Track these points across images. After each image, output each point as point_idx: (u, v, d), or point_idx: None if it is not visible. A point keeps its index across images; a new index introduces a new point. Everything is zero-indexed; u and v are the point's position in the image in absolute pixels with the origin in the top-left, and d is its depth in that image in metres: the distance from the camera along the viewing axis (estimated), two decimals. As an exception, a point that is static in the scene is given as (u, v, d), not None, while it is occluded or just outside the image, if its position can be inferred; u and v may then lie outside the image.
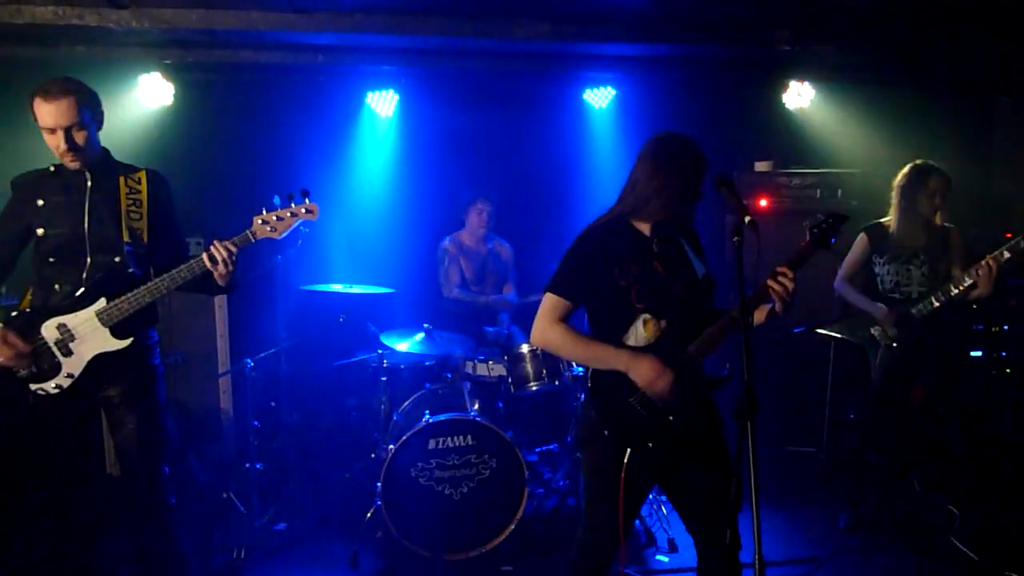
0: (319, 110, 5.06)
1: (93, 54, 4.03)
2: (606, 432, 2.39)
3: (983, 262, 3.46)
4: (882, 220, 3.87)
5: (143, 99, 4.72)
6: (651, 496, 3.83)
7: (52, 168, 2.75)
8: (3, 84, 4.28)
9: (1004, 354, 4.83)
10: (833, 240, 2.54)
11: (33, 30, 3.38)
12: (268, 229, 2.75)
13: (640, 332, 2.42)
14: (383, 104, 5.06)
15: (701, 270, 2.52)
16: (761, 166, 5.05)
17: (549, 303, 2.43)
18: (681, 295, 2.45)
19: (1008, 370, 4.86)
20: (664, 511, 3.87)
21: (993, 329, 4.80)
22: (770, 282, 2.29)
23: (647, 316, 2.42)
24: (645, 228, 2.48)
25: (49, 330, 2.66)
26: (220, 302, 4.57)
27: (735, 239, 2.08)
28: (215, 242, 2.67)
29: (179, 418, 4.30)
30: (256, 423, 3.90)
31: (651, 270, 2.43)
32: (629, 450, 2.37)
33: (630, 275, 2.41)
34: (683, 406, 2.39)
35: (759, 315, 2.43)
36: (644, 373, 2.32)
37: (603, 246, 2.42)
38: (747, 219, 2.08)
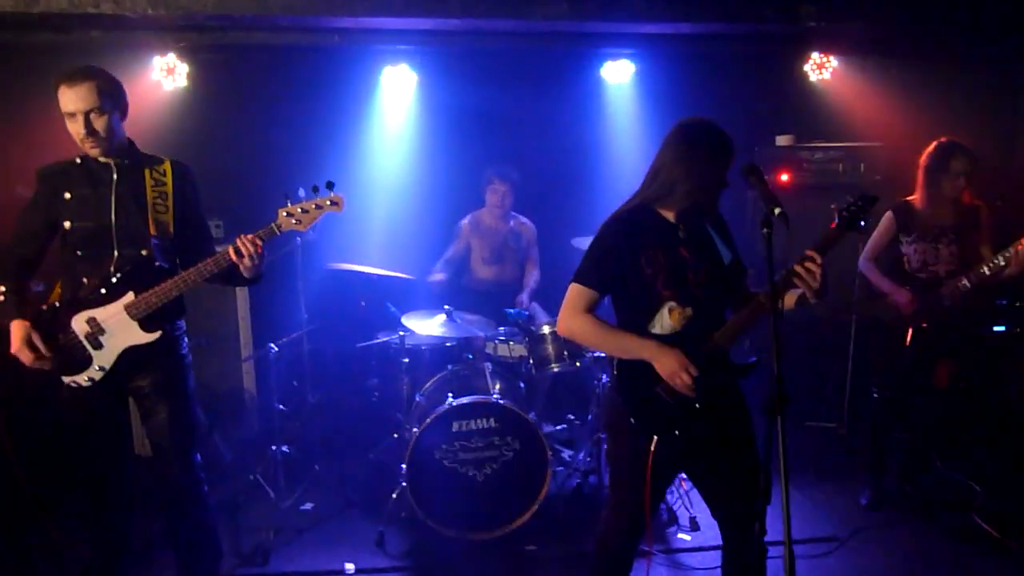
0: (336, 90, 5.02)
1: (107, 39, 4.01)
2: (632, 420, 2.41)
3: (1017, 243, 3.39)
4: (908, 198, 3.81)
5: (158, 81, 4.71)
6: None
7: (78, 160, 2.75)
8: (16, 70, 4.30)
9: (1027, 328, 4.80)
10: (863, 223, 2.51)
11: (47, 17, 3.36)
12: (293, 222, 2.75)
13: (666, 320, 2.41)
14: (400, 83, 5.00)
15: (728, 256, 2.50)
16: (783, 140, 4.98)
17: (575, 293, 2.43)
18: (707, 282, 2.44)
19: (1031, 344, 4.83)
20: (685, 489, 3.90)
21: (1016, 304, 4.76)
22: (797, 268, 2.27)
23: (673, 304, 2.41)
24: (670, 215, 2.46)
25: (79, 324, 2.69)
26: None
27: (764, 230, 2.05)
28: (240, 236, 2.67)
29: (203, 400, 4.35)
30: (281, 406, 3.94)
31: (677, 257, 2.42)
32: (656, 438, 2.39)
33: (656, 263, 2.40)
34: (709, 394, 2.40)
35: (789, 300, 2.39)
36: (668, 366, 2.32)
37: (628, 234, 2.41)
38: (777, 211, 2.06)
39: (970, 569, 3.42)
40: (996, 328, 4.75)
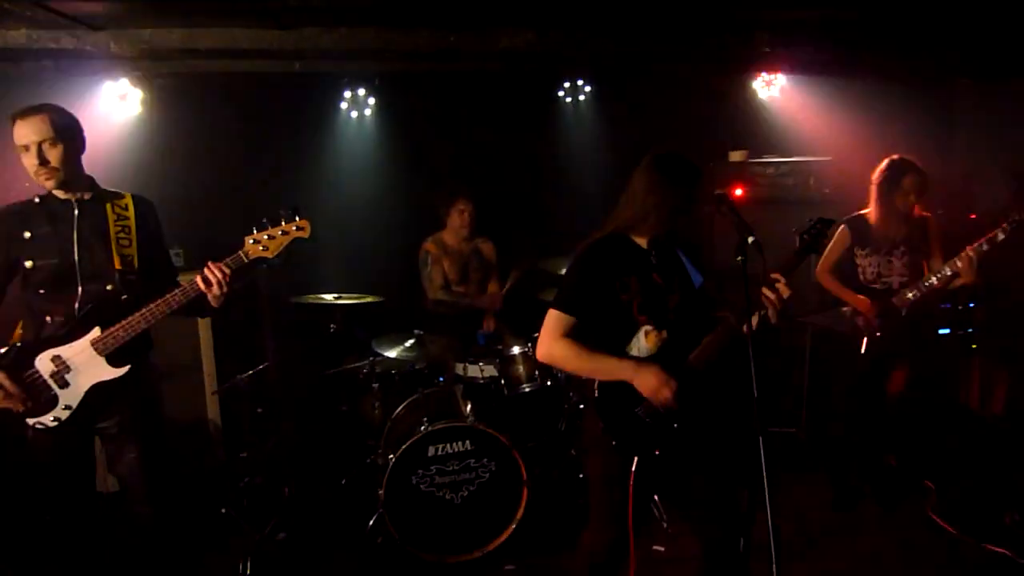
0: (294, 114, 5.00)
1: (60, 68, 3.91)
2: (613, 442, 2.46)
3: (963, 253, 3.58)
4: (862, 212, 3.97)
5: (109, 108, 4.59)
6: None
7: (37, 200, 2.70)
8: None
9: (970, 331, 5.04)
10: (821, 244, 2.63)
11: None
12: (260, 248, 2.74)
13: (642, 343, 2.49)
14: (359, 107, 5.00)
15: (698, 279, 2.59)
16: (735, 156, 5.14)
17: (553, 319, 2.48)
18: (680, 306, 2.53)
19: (974, 346, 5.07)
20: (656, 500, 3.96)
21: (959, 308, 4.99)
22: (765, 290, 2.37)
23: (648, 328, 2.49)
24: (642, 241, 2.54)
25: (43, 363, 2.62)
26: (204, 312, 4.52)
27: (739, 258, 2.14)
28: (209, 264, 2.65)
29: (166, 433, 4.26)
30: (254, 438, 3.89)
31: (650, 283, 2.50)
32: (637, 458, 2.45)
33: (631, 289, 2.47)
34: (687, 414, 2.47)
35: (752, 321, 2.50)
36: (649, 383, 2.39)
37: (603, 262, 2.48)
38: (750, 239, 2.14)
39: (930, 563, 3.56)
40: (941, 331, 4.98)
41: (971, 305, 5.01)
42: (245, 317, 4.28)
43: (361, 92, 4.86)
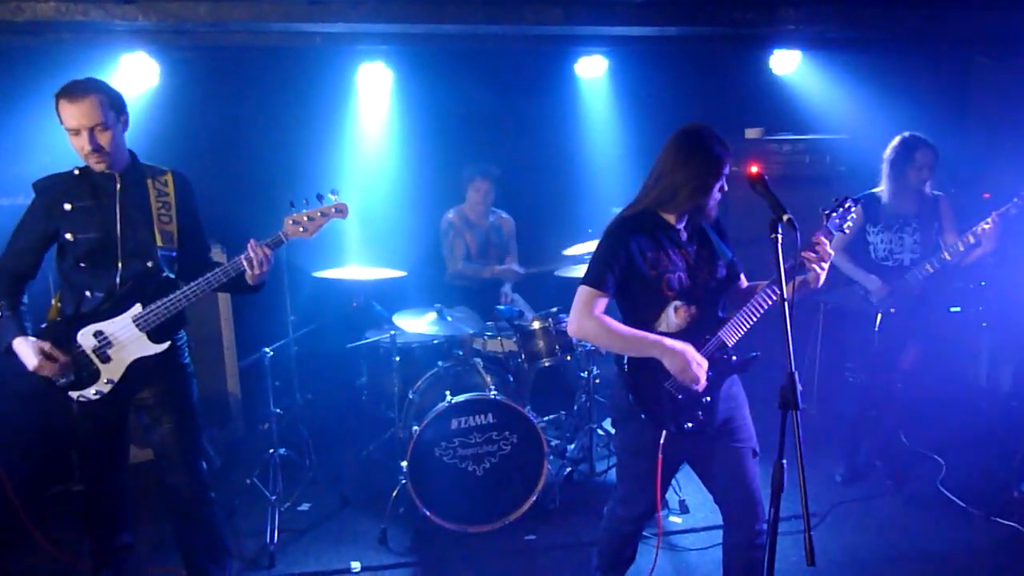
0: (312, 89, 4.98)
1: (80, 40, 3.90)
2: (643, 415, 2.52)
3: (988, 219, 3.64)
4: (874, 190, 4.01)
5: (126, 82, 4.58)
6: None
7: (77, 171, 2.71)
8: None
9: (980, 308, 5.11)
10: (849, 224, 2.68)
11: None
12: (300, 230, 2.78)
13: (671, 319, 2.54)
14: (378, 82, 4.99)
15: (728, 256, 2.64)
16: (751, 133, 5.16)
17: (584, 295, 2.52)
18: (709, 281, 2.58)
19: (984, 324, 5.14)
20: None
21: (971, 286, 5.05)
22: (806, 253, 2.44)
23: (678, 303, 2.54)
24: (671, 218, 2.57)
25: (86, 338, 2.67)
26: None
27: (772, 236, 2.17)
28: (252, 243, 2.68)
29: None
30: (278, 410, 3.95)
31: (680, 259, 2.54)
32: (665, 431, 2.52)
33: (660, 265, 2.51)
34: (714, 387, 2.53)
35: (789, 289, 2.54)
36: (678, 362, 2.44)
37: (632, 238, 2.51)
38: (785, 217, 2.18)
39: (939, 535, 3.66)
40: (952, 309, 5.04)
41: (982, 283, 5.07)
42: (264, 292, 4.31)
43: (380, 66, 4.84)
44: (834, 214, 2.65)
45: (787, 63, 5.19)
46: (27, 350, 2.59)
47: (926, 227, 3.91)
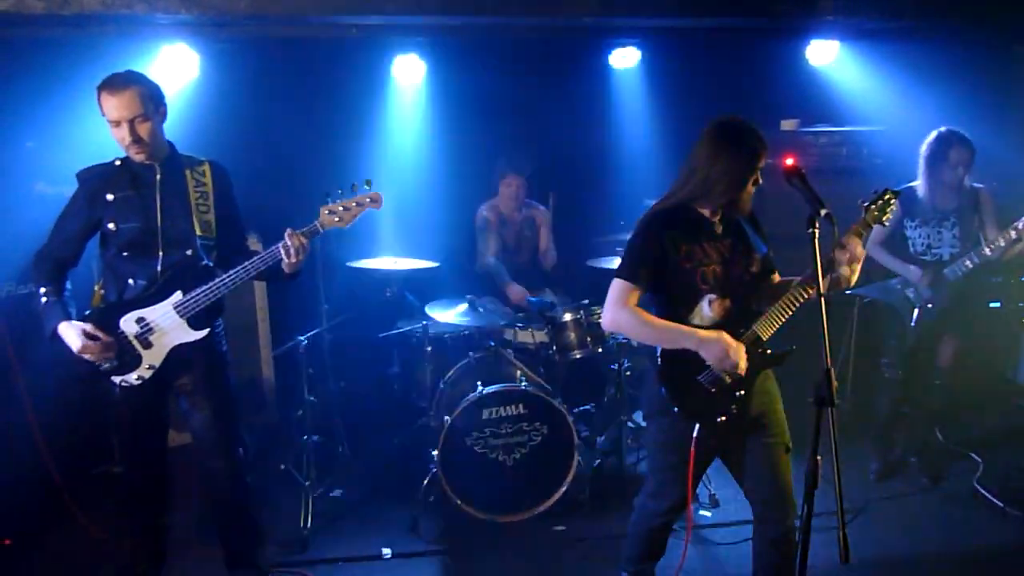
0: (348, 83, 5.00)
1: (123, 32, 3.98)
2: (676, 409, 2.52)
3: (1004, 232, 3.57)
4: (912, 184, 3.94)
5: (166, 74, 4.64)
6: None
7: (118, 162, 2.79)
8: (25, 65, 4.24)
9: (1020, 304, 4.99)
10: (888, 217, 2.64)
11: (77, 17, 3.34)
12: (335, 219, 2.81)
13: (706, 312, 2.53)
14: (412, 73, 5.01)
15: (762, 250, 2.62)
16: (787, 125, 5.09)
17: (618, 288, 2.52)
18: (744, 275, 2.56)
19: (1023, 320, 5.03)
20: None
21: (1012, 281, 4.94)
22: (836, 252, 2.40)
23: (713, 296, 2.52)
24: (706, 211, 2.56)
25: (128, 324, 2.74)
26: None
27: (810, 230, 2.16)
28: (289, 232, 2.73)
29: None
30: (312, 398, 4.01)
31: (715, 252, 2.53)
32: (698, 425, 2.51)
33: (694, 258, 2.51)
34: (748, 381, 2.52)
35: (823, 286, 2.51)
36: (715, 351, 2.43)
37: (667, 231, 2.50)
38: (823, 212, 2.16)
39: (975, 534, 3.61)
40: (992, 304, 4.94)
41: (1023, 279, 4.96)
42: (300, 280, 4.38)
43: (414, 58, 4.85)
44: (873, 206, 2.62)
45: (825, 54, 5.10)
46: (72, 333, 2.66)
47: (965, 221, 3.84)
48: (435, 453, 3.65)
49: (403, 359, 4.60)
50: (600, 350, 3.99)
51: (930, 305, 3.84)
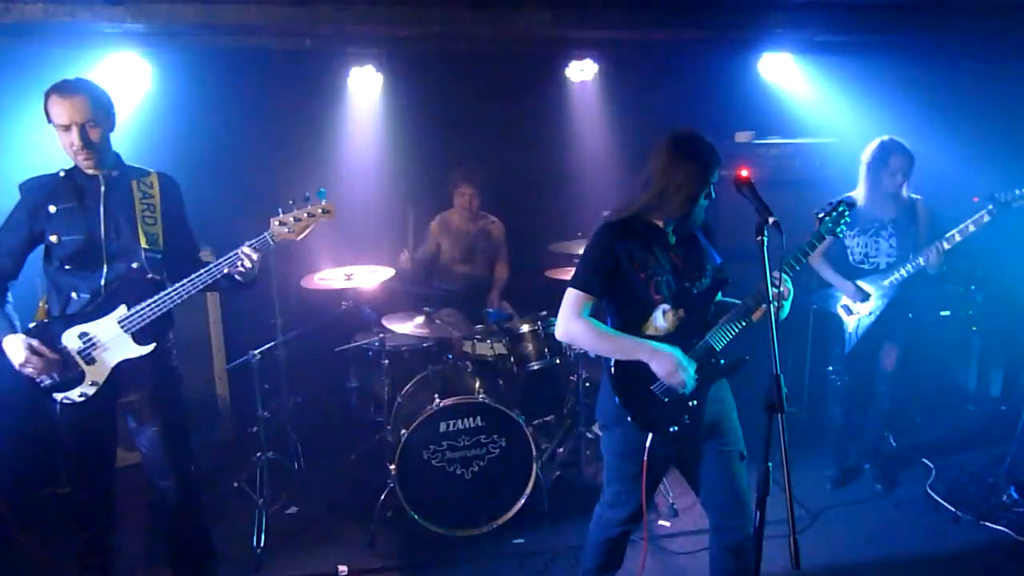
0: (304, 93, 4.97)
1: (69, 42, 3.89)
2: (629, 419, 2.52)
3: (934, 245, 3.66)
4: (851, 193, 4.00)
5: (117, 84, 4.54)
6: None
7: (62, 173, 2.71)
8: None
9: (970, 313, 5.13)
10: (843, 228, 2.69)
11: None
12: (286, 231, 2.76)
13: (660, 322, 2.54)
14: (369, 85, 4.99)
15: (716, 260, 2.64)
16: (741, 136, 5.17)
17: (571, 298, 2.52)
18: (699, 285, 2.57)
19: (974, 328, 5.16)
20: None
21: (961, 290, 5.07)
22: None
23: (666, 307, 2.53)
24: (660, 222, 2.57)
25: (71, 339, 2.66)
26: (211, 288, 4.54)
27: (759, 238, 2.18)
28: (244, 248, 2.68)
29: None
30: (266, 413, 3.93)
31: (668, 263, 2.54)
32: (651, 434, 2.51)
33: (648, 268, 2.51)
34: (702, 391, 2.53)
35: (756, 314, 2.55)
36: (665, 366, 2.44)
37: (621, 242, 2.51)
38: (771, 220, 2.18)
39: (928, 539, 3.66)
40: (942, 312, 5.06)
41: (971, 287, 5.09)
42: (254, 293, 4.30)
43: (370, 70, 4.83)
44: (827, 217, 2.66)
45: (777, 67, 5.21)
46: (16, 346, 2.58)
47: (903, 231, 3.90)
48: (392, 467, 3.60)
49: (360, 373, 4.54)
50: (558, 361, 3.99)
51: (869, 314, 3.90)
